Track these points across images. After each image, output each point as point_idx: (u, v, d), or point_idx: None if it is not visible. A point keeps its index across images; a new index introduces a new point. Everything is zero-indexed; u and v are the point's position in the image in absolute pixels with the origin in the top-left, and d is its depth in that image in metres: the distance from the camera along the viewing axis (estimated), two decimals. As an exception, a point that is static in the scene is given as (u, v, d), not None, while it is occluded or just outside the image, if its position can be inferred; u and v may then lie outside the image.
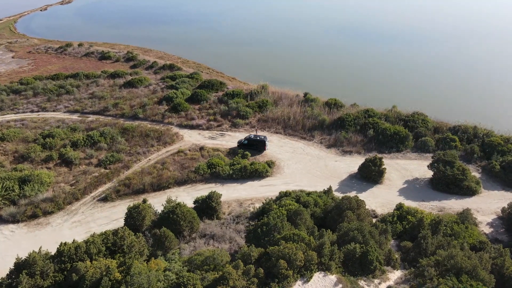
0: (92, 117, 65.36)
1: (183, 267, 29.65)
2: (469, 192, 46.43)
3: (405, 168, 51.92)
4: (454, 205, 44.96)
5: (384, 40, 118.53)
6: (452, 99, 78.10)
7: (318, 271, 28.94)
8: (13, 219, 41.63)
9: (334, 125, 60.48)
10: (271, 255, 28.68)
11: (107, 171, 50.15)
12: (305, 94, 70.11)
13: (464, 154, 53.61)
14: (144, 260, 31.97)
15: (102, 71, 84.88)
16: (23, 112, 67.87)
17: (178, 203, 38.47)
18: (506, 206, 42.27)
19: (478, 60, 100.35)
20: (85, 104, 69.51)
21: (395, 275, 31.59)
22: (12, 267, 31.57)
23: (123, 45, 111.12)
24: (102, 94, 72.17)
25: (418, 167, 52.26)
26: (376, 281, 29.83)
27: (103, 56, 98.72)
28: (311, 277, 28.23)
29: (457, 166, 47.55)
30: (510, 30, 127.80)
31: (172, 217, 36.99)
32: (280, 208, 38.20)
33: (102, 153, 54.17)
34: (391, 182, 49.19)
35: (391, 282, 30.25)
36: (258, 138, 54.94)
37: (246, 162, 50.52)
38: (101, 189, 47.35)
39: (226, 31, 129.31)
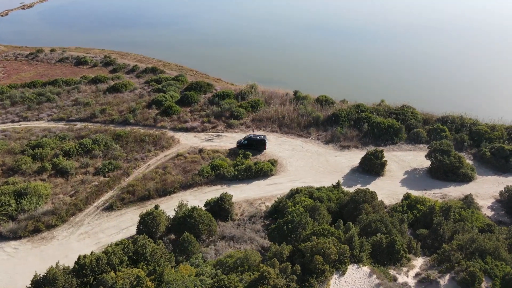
0: (79, 125, 62.74)
1: (215, 270, 29.14)
2: (466, 178, 48.71)
3: (403, 159, 53.66)
4: (454, 191, 47.00)
5: (359, 37, 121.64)
6: (433, 91, 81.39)
7: (350, 264, 29.37)
8: (15, 235, 39.28)
9: (329, 121, 61.48)
10: (304, 251, 28.80)
11: (107, 179, 48.37)
12: (295, 92, 70.78)
13: (455, 143, 55.96)
14: (171, 267, 31.15)
15: (81, 77, 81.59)
16: (3, 123, 64.03)
17: (194, 207, 37.81)
18: (503, 190, 44.74)
19: (452, 53, 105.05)
20: (69, 111, 66.60)
21: (418, 262, 32.59)
22: (28, 286, 29.87)
23: (98, 49, 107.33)
24: (87, 101, 69.46)
25: (415, 157, 54.19)
26: (404, 269, 30.66)
27: (79, 62, 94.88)
28: (345, 270, 28.63)
29: (453, 154, 49.73)
30: (482, 23, 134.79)
31: (190, 221, 36.28)
32: (297, 205, 38.43)
33: (98, 161, 52.16)
34: (392, 173, 50.68)
35: (417, 269, 31.18)
36: (258, 137, 54.88)
37: (250, 162, 50.39)
38: (103, 198, 45.63)
39: (203, 32, 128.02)
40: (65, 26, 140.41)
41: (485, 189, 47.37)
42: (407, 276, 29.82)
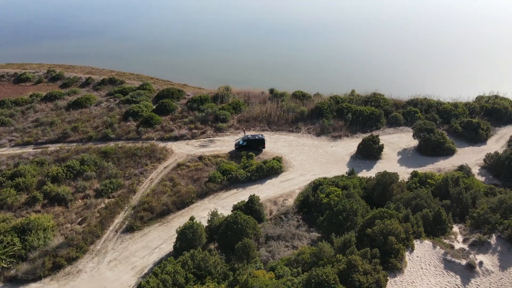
0: (52, 147, 56.56)
1: (295, 269, 29.06)
2: (450, 152, 54.32)
3: (391, 142, 57.90)
4: (445, 164, 52.17)
5: (305, 33, 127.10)
6: (391, 78, 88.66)
7: (414, 240, 31.39)
8: (34, 277, 34.55)
9: (314, 115, 63.70)
10: (373, 235, 30.12)
11: (113, 199, 44.67)
12: (271, 90, 71.93)
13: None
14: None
15: (31, 95, 73.32)
16: (-45, 155, 55.15)
17: (236, 212, 36.97)
18: (486, 157, 50.92)
19: (402, 43, 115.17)
20: (35, 133, 59.58)
21: (456, 229, 35.90)
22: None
23: (34, 64, 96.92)
24: (51, 120, 62.79)
25: (400, 139, 58.83)
26: (452, 237, 33.62)
27: (19, 79, 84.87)
28: (413, 246, 30.58)
29: (436, 132, 55.09)
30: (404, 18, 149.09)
31: (236, 227, 35.38)
32: (331, 195, 39.64)
33: (93, 183, 47.77)
34: (387, 156, 54.45)
35: (459, 235, 34.38)
36: (257, 137, 54.88)
37: (258, 162, 50.34)
38: (117, 220, 42.14)
39: (144, 38, 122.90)
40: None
41: (468, 159, 53.33)
42: (459, 242, 32.80)
